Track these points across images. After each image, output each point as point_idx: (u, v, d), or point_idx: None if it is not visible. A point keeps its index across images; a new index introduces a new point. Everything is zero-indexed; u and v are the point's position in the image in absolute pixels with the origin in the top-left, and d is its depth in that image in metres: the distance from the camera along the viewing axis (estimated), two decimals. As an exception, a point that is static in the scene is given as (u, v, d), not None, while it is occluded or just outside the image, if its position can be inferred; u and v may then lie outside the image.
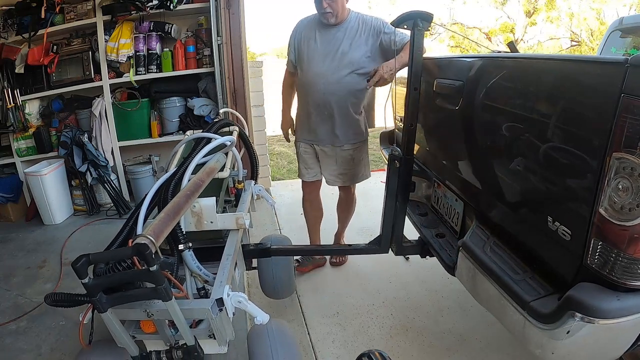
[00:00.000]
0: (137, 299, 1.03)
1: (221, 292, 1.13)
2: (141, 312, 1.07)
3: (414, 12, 1.49)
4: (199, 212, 1.37)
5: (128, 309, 1.07)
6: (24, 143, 3.45)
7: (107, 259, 1.00)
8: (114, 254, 1.04)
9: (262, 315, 1.16)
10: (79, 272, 0.91)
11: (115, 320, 1.05)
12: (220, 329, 1.13)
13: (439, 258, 1.68)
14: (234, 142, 1.59)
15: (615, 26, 3.23)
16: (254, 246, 1.80)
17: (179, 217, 1.12)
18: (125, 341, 1.10)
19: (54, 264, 2.66)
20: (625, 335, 1.00)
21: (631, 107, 0.86)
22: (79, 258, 0.91)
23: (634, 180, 0.87)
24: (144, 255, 0.89)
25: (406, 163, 1.66)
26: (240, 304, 1.15)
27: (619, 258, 0.91)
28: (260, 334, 1.30)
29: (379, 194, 1.87)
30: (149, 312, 1.07)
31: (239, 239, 1.50)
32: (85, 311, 1.10)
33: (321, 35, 2.13)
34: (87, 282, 0.93)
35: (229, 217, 1.45)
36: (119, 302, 1.02)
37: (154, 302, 1.07)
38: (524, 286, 1.13)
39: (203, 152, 1.45)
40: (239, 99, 3.52)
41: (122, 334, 1.08)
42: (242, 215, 1.45)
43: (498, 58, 1.52)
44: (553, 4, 10.88)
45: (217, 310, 1.10)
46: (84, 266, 0.91)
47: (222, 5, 3.26)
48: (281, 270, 1.96)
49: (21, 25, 3.23)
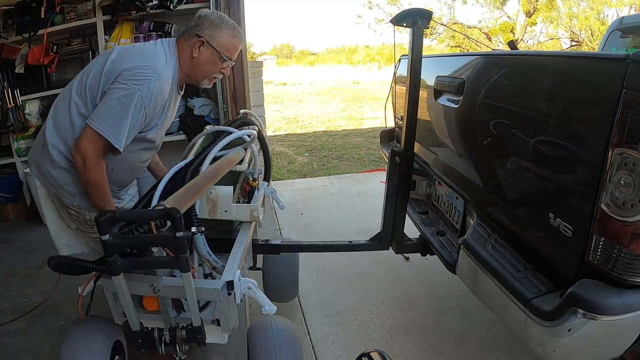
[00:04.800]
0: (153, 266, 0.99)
1: (232, 275, 1.11)
2: (147, 287, 1.03)
3: (413, 9, 1.49)
4: (214, 199, 1.35)
5: (134, 282, 1.03)
6: (24, 143, 3.44)
7: (134, 218, 0.96)
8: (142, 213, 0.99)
9: (271, 305, 1.14)
10: (101, 227, 0.86)
11: (125, 287, 1.00)
12: (227, 314, 1.12)
13: (440, 256, 1.67)
14: (254, 137, 1.56)
15: (615, 26, 3.23)
16: (264, 242, 1.80)
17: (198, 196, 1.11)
18: (130, 312, 1.06)
19: (54, 264, 2.66)
20: (627, 332, 0.99)
21: (632, 103, 0.86)
22: (103, 212, 0.87)
23: (636, 175, 0.86)
24: (174, 219, 0.86)
25: (407, 159, 1.65)
26: (250, 290, 1.13)
27: (621, 254, 0.91)
28: (263, 328, 1.28)
29: (379, 194, 1.87)
30: (155, 288, 1.03)
31: (251, 231, 1.48)
32: (88, 280, 1.07)
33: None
34: (107, 239, 0.88)
35: (243, 208, 1.43)
36: (134, 267, 0.98)
37: (162, 278, 1.03)
38: (525, 283, 1.13)
39: (225, 142, 1.43)
40: (239, 99, 3.52)
41: (128, 303, 1.04)
42: (256, 208, 1.43)
43: (499, 55, 1.52)
44: (553, 4, 10.89)
45: (226, 293, 1.08)
46: (107, 222, 0.87)
47: (222, 6, 3.26)
48: (287, 271, 1.95)
49: (21, 25, 3.23)
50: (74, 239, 1.57)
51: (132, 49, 1.36)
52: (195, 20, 1.41)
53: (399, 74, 2.34)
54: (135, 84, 1.26)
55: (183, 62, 1.41)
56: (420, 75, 1.56)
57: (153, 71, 1.29)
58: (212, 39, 1.38)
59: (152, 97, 1.30)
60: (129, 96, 1.26)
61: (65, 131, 1.36)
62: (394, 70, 2.41)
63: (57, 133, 1.37)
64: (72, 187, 1.40)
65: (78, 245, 1.58)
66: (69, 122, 1.35)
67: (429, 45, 13.50)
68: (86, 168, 1.28)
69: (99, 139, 1.27)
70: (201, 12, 1.42)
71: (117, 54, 1.34)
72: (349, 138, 6.56)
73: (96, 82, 1.32)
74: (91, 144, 1.27)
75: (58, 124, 1.38)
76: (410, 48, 1.53)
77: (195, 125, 3.62)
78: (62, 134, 1.37)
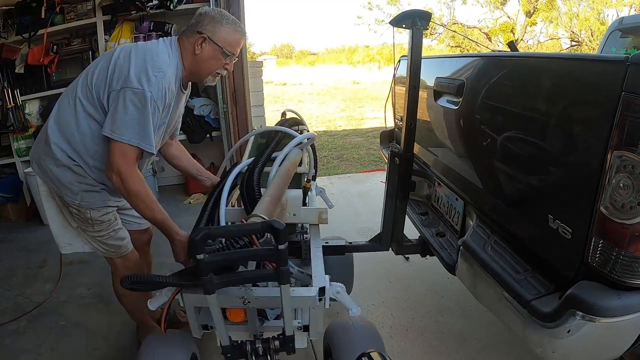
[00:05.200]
0: (251, 281, 0.94)
1: (323, 281, 1.09)
2: (237, 300, 1.00)
3: (412, 11, 1.49)
4: (284, 203, 1.31)
5: (224, 295, 0.99)
6: (24, 143, 3.45)
7: (231, 234, 0.90)
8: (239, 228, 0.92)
9: (357, 307, 1.13)
10: (198, 247, 0.81)
11: (217, 303, 0.95)
12: (318, 320, 1.10)
13: (439, 257, 1.68)
14: (314, 138, 1.54)
15: (615, 26, 3.23)
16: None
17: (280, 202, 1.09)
18: (220, 327, 1.01)
19: (54, 264, 2.66)
20: (626, 333, 0.99)
21: (632, 105, 0.86)
22: (199, 231, 0.82)
23: (635, 178, 0.87)
24: (278, 232, 0.82)
25: (406, 160, 1.66)
26: (339, 294, 1.11)
27: (619, 256, 0.91)
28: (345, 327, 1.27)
29: (379, 194, 1.87)
30: (245, 300, 1.00)
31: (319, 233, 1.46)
32: (172, 295, 1.01)
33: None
34: (203, 258, 0.82)
35: (312, 211, 1.41)
36: (231, 284, 0.92)
37: (251, 289, 1.01)
38: (524, 285, 1.13)
39: (291, 146, 1.40)
40: (239, 99, 3.52)
41: (219, 319, 0.99)
42: (325, 210, 1.41)
43: (498, 57, 1.52)
44: (553, 4, 10.89)
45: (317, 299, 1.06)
46: (203, 240, 0.82)
47: (222, 6, 3.26)
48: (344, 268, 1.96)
49: (21, 25, 3.23)
50: (75, 238, 1.57)
51: (135, 48, 1.35)
52: (196, 17, 1.41)
53: (398, 75, 2.34)
54: (146, 86, 1.26)
55: (186, 59, 1.40)
56: (419, 76, 1.56)
57: (159, 70, 1.29)
58: (214, 35, 1.38)
59: (162, 95, 1.30)
60: (143, 100, 1.25)
61: (69, 129, 1.36)
62: (394, 71, 2.41)
63: (61, 131, 1.37)
64: (74, 185, 1.40)
65: (79, 243, 1.57)
66: (74, 121, 1.36)
67: (428, 46, 13.50)
68: (125, 183, 1.28)
69: (129, 149, 1.27)
70: (202, 10, 1.43)
71: (120, 53, 1.33)
72: (349, 138, 6.56)
73: (102, 82, 1.31)
74: (122, 157, 1.27)
75: (62, 122, 1.38)
76: (410, 49, 1.53)
77: (195, 125, 3.63)
78: (66, 132, 1.37)
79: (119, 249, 1.57)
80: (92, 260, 2.60)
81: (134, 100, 1.25)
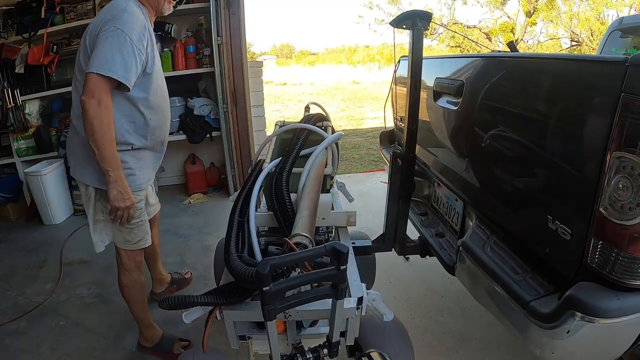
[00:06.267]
0: (311, 301, 0.94)
1: (361, 291, 1.11)
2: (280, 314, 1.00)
3: (413, 11, 1.49)
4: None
5: None
6: (24, 143, 3.45)
7: (296, 261, 0.89)
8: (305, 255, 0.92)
9: (390, 312, 1.15)
10: (265, 279, 0.80)
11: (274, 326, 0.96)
12: (354, 326, 1.12)
13: (439, 258, 1.68)
14: (340, 137, 1.52)
15: (615, 26, 3.23)
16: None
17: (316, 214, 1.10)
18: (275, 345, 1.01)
19: (54, 264, 2.66)
20: (626, 334, 0.99)
21: (631, 106, 0.86)
22: (265, 263, 0.80)
23: (634, 179, 0.87)
24: (341, 255, 0.83)
25: (408, 161, 1.66)
26: (375, 301, 1.13)
27: (619, 257, 0.91)
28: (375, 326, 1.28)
29: (379, 194, 1.87)
30: (287, 314, 1.02)
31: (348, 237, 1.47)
32: (212, 314, 1.04)
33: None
34: (269, 289, 0.81)
35: (340, 214, 1.42)
36: (291, 307, 0.93)
37: None
38: (524, 286, 1.13)
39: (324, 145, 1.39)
40: (239, 99, 3.52)
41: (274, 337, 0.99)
42: (354, 214, 1.42)
43: (498, 58, 1.52)
44: (553, 4, 10.89)
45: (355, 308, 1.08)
46: (270, 272, 0.81)
47: (222, 5, 3.26)
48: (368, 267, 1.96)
49: (21, 25, 3.23)
50: (103, 233, 1.62)
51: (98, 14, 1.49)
52: None
53: (398, 75, 2.34)
54: (112, 25, 1.35)
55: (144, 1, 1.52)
56: (420, 77, 1.56)
57: (119, 9, 1.39)
58: None
59: (132, 26, 1.38)
60: (112, 36, 1.34)
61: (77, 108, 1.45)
62: (394, 71, 2.41)
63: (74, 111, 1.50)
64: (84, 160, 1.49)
65: (105, 237, 1.62)
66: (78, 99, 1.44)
67: (429, 45, 13.48)
68: (101, 109, 1.33)
69: (106, 80, 1.33)
70: None
71: (90, 26, 1.44)
72: (349, 138, 6.55)
73: (85, 53, 1.41)
74: (100, 87, 1.32)
75: (74, 103, 1.49)
76: (411, 50, 1.53)
77: (195, 125, 3.63)
78: (76, 110, 1.47)
79: (140, 241, 1.64)
80: (92, 260, 2.60)
81: (105, 38, 1.34)
